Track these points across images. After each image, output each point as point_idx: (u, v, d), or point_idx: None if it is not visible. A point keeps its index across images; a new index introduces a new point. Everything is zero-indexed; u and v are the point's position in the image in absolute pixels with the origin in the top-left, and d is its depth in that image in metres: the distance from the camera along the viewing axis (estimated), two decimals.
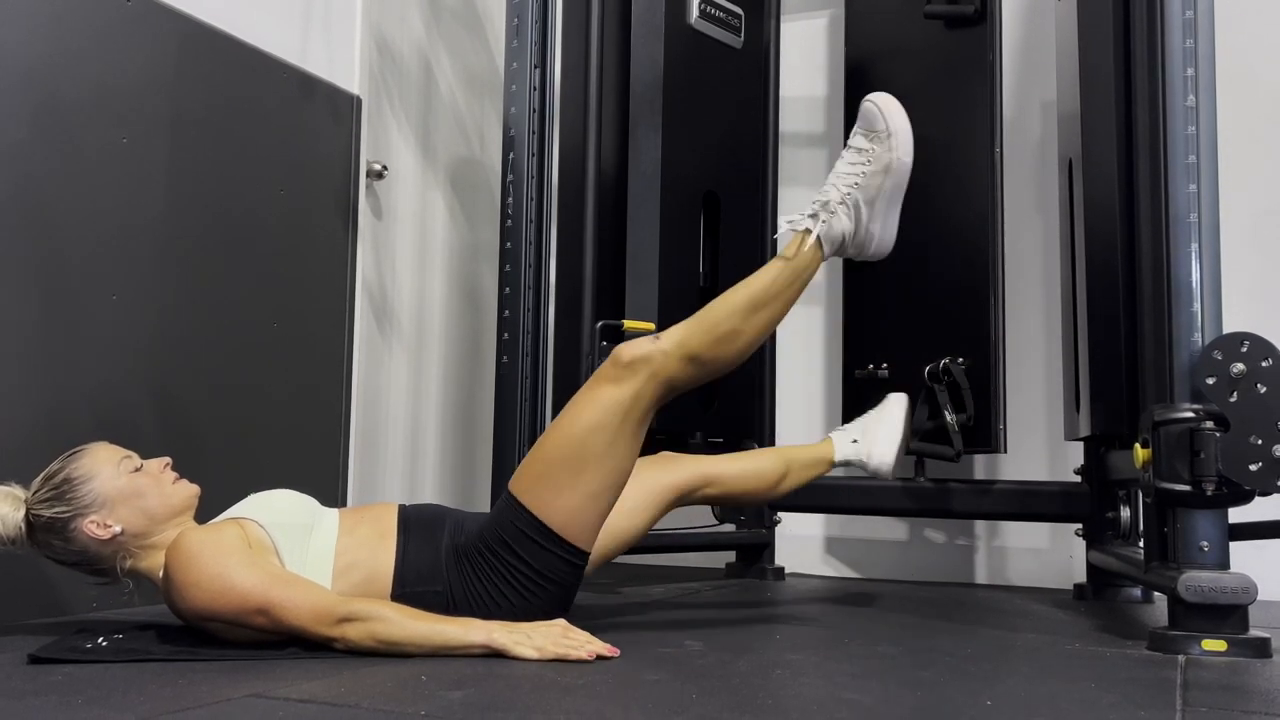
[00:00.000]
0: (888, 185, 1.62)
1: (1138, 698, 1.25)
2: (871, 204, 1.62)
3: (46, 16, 1.84)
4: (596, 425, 1.53)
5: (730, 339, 1.58)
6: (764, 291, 1.60)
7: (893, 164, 1.61)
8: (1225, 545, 1.61)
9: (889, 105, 1.64)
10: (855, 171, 1.63)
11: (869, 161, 1.62)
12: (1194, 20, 1.68)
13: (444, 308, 3.01)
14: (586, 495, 1.54)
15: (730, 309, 1.59)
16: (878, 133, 1.63)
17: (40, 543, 1.51)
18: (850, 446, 2.02)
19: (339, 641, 1.43)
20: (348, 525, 1.59)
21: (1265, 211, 2.56)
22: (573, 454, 1.53)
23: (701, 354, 1.56)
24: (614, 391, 1.53)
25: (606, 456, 1.54)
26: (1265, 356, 1.57)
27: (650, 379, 1.54)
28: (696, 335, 1.57)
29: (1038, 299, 2.77)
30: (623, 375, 1.53)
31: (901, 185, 1.64)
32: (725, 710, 1.14)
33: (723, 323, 1.58)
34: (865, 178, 1.62)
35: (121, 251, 1.96)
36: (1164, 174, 1.67)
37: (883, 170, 1.62)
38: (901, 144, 1.62)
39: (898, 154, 1.62)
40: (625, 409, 1.53)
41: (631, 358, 1.54)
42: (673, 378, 1.55)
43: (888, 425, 2.05)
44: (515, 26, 2.31)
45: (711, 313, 1.60)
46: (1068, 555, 2.68)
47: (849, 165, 1.64)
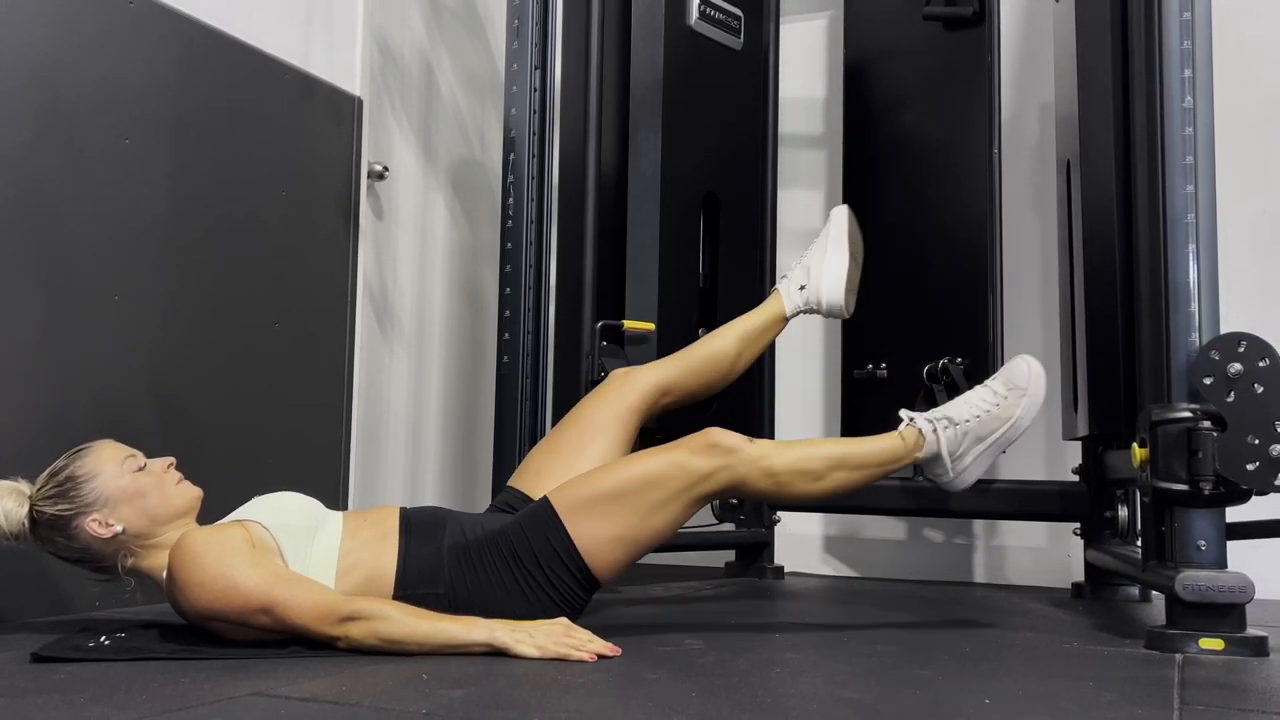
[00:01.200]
0: (1001, 434, 1.68)
1: (1135, 696, 1.25)
2: (980, 440, 1.68)
3: (49, 18, 1.84)
4: (660, 479, 1.57)
5: (810, 478, 1.63)
6: (857, 456, 1.66)
7: (1017, 419, 1.68)
8: (1222, 544, 1.61)
9: (1036, 370, 1.71)
10: (984, 406, 1.69)
11: (998, 405, 1.69)
12: (1191, 22, 1.68)
13: (445, 308, 3.02)
14: (621, 537, 1.57)
15: (821, 453, 1.66)
16: (1017, 388, 1.69)
17: (43, 539, 1.52)
18: (798, 295, 1.98)
19: (341, 640, 1.44)
20: (351, 528, 1.59)
21: (1262, 212, 2.57)
22: (626, 493, 1.57)
23: (780, 476, 1.61)
24: (693, 460, 1.58)
25: (654, 512, 1.57)
26: (1262, 356, 1.57)
27: (727, 469, 1.59)
28: (785, 459, 1.62)
29: (1035, 299, 2.78)
30: (708, 453, 1.59)
31: (1011, 442, 1.70)
32: (725, 709, 1.15)
33: (811, 461, 1.63)
34: (989, 416, 1.68)
35: (124, 252, 1.96)
36: (1161, 175, 1.68)
37: (1006, 420, 1.68)
38: (1031, 406, 1.69)
39: (1024, 414, 1.68)
40: (692, 482, 1.58)
41: (723, 444, 1.59)
42: (746, 482, 1.61)
43: (832, 258, 1.98)
44: (516, 28, 2.31)
45: (805, 446, 1.67)
46: (1066, 554, 2.68)
47: (979, 399, 1.71)
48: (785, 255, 2.92)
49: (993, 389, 1.71)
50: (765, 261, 2.77)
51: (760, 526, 2.74)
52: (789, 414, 2.95)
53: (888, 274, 2.50)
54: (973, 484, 1.71)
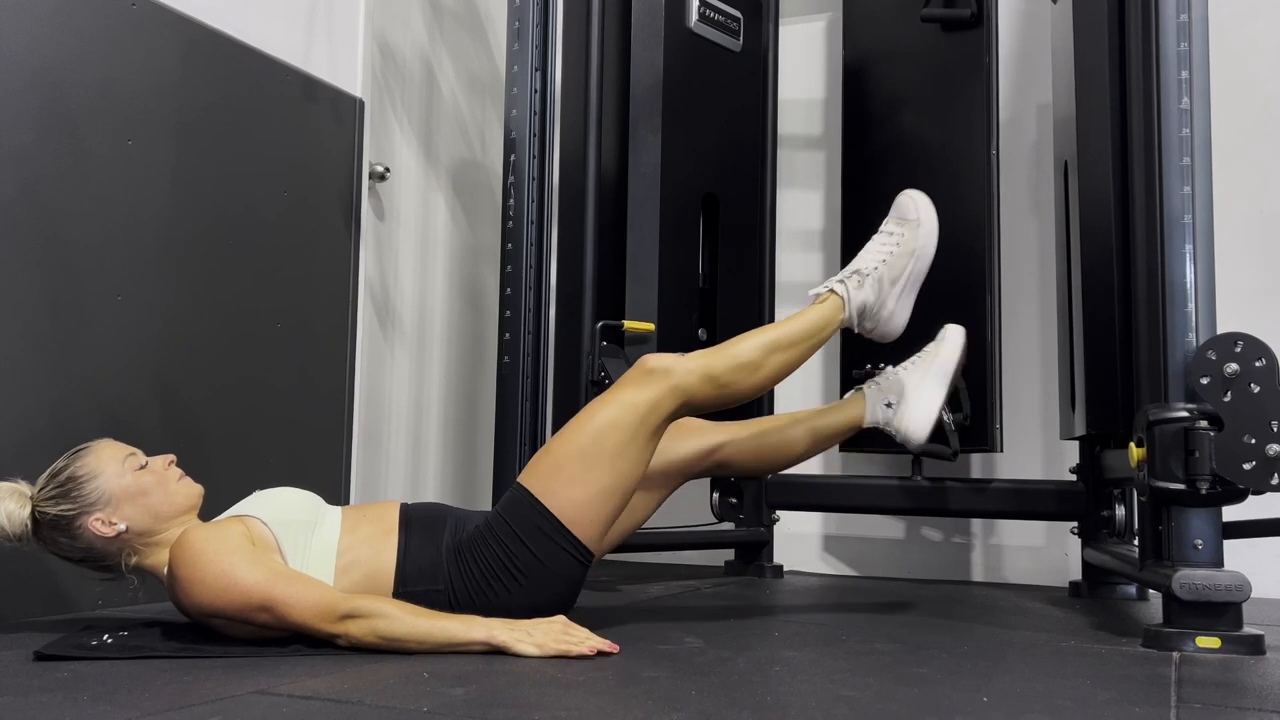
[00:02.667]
0: (911, 268, 1.76)
1: (1133, 694, 1.26)
2: (894, 282, 1.75)
3: (52, 20, 1.85)
4: (613, 423, 1.58)
5: (749, 370, 1.66)
6: (787, 335, 1.71)
7: (919, 249, 1.76)
8: (1219, 543, 1.61)
9: (921, 199, 1.80)
10: (884, 250, 1.77)
11: (898, 244, 1.76)
12: (1188, 24, 1.69)
13: (445, 308, 3.02)
14: (596, 491, 1.57)
15: (754, 344, 1.69)
16: (908, 221, 1.78)
17: (46, 539, 1.52)
18: (882, 412, 1.88)
19: (342, 638, 1.44)
20: (350, 523, 1.60)
21: (1259, 213, 2.58)
22: (587, 448, 1.58)
23: (721, 376, 1.64)
24: (635, 394, 1.60)
25: (619, 456, 1.58)
26: (1259, 356, 1.58)
27: (671, 390, 1.60)
28: (720, 359, 1.66)
29: (1033, 300, 2.79)
30: (645, 380, 1.60)
31: (922, 272, 1.77)
32: (724, 707, 1.15)
33: (745, 353, 1.67)
34: (893, 257, 1.76)
35: (126, 252, 1.97)
36: (1159, 176, 1.68)
37: (909, 254, 1.76)
38: (928, 234, 1.77)
39: (924, 242, 1.76)
40: (643, 413, 1.59)
41: (655, 366, 1.62)
42: (691, 393, 1.62)
43: (929, 388, 1.88)
44: (516, 30, 2.32)
45: (736, 343, 1.70)
46: (1063, 553, 2.69)
47: (879, 245, 1.78)
48: (784, 255, 2.93)
49: (887, 231, 1.79)
50: (765, 262, 2.77)
51: (759, 525, 2.74)
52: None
53: None
54: (904, 326, 1.77)
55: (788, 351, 1.70)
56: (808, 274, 3.01)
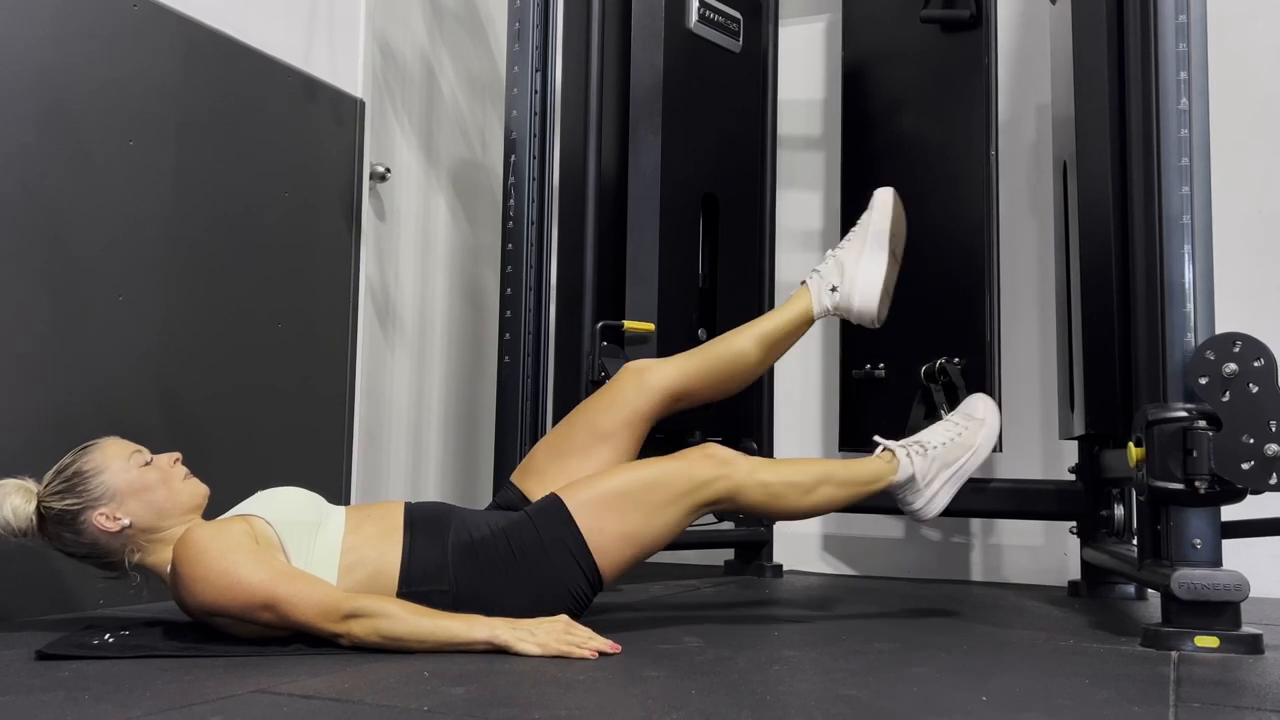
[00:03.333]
0: (964, 461, 1.79)
1: (1131, 693, 1.26)
2: (947, 466, 1.79)
3: (53, 21, 1.85)
4: (664, 482, 1.63)
5: (800, 491, 1.72)
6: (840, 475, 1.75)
7: (978, 447, 1.80)
8: (1218, 543, 1.62)
9: (991, 405, 1.86)
10: (948, 435, 1.80)
11: (960, 435, 1.80)
12: (1187, 24, 1.69)
13: (446, 308, 3.03)
14: (626, 532, 1.62)
15: (810, 470, 1.76)
16: (975, 419, 1.82)
17: (50, 535, 1.52)
18: (829, 296, 1.88)
19: (344, 637, 1.45)
20: (354, 523, 1.60)
21: (1258, 213, 2.58)
22: (633, 492, 1.62)
23: (773, 487, 1.70)
24: (694, 468, 1.65)
25: (657, 512, 1.63)
26: (1257, 356, 1.58)
27: (726, 479, 1.66)
28: (778, 474, 1.71)
29: (1032, 300, 2.79)
30: (708, 464, 1.67)
31: (972, 470, 1.81)
32: (724, 706, 1.15)
33: (800, 476, 1.73)
34: (953, 444, 1.79)
35: (128, 252, 1.97)
36: (1157, 176, 1.69)
37: (967, 447, 1.80)
38: (989, 436, 1.82)
39: (983, 442, 1.81)
40: (694, 486, 1.64)
41: (722, 456, 1.69)
42: (741, 492, 1.68)
43: (870, 258, 1.86)
44: (517, 31, 2.32)
45: (798, 464, 1.77)
46: (1062, 553, 2.69)
47: (944, 429, 1.82)
48: (784, 256, 2.93)
49: (954, 420, 1.83)
50: (764, 262, 2.78)
51: (759, 525, 2.75)
52: (788, 413, 2.96)
53: None
54: (938, 514, 1.80)
55: (837, 489, 1.74)
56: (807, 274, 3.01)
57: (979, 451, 1.80)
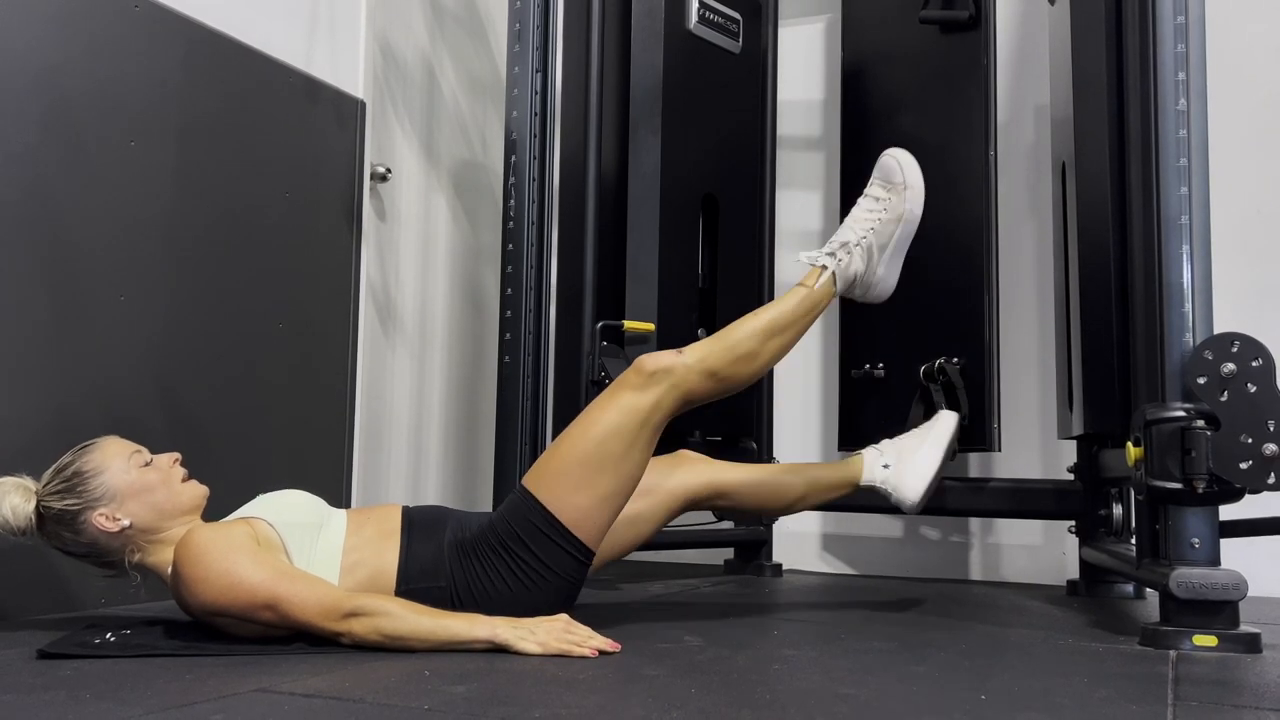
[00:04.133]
0: (899, 233, 1.75)
1: (1130, 692, 1.26)
2: (883, 249, 1.74)
3: (55, 21, 1.86)
4: (616, 429, 1.59)
5: (748, 359, 1.67)
6: (781, 318, 1.70)
7: (905, 214, 1.74)
8: (1216, 542, 1.62)
9: (906, 160, 1.76)
10: (872, 218, 1.75)
11: (885, 210, 1.74)
12: (1185, 25, 1.69)
13: (447, 308, 3.03)
14: (599, 496, 1.59)
15: (750, 331, 1.68)
16: (894, 185, 1.75)
17: (50, 534, 1.52)
18: (880, 472, 1.89)
19: (345, 636, 1.45)
20: (354, 525, 1.61)
21: (1255, 213, 2.59)
22: (591, 454, 1.59)
23: (720, 370, 1.65)
24: (636, 398, 1.60)
25: (622, 460, 1.60)
26: (1255, 356, 1.58)
27: (671, 389, 1.61)
28: (717, 352, 1.65)
29: (1031, 300, 2.80)
30: (645, 383, 1.61)
31: (910, 235, 1.76)
32: (724, 705, 1.16)
33: (742, 343, 1.67)
34: (880, 224, 1.74)
35: (129, 252, 1.98)
36: (1156, 177, 1.69)
37: (896, 219, 1.74)
38: (915, 197, 1.75)
39: (910, 205, 1.74)
40: (644, 415, 1.60)
41: (655, 368, 1.62)
42: (691, 390, 1.63)
43: (926, 454, 1.89)
44: (517, 32, 2.32)
45: (732, 333, 1.69)
46: (1061, 552, 2.70)
47: (865, 211, 1.76)
48: (783, 256, 2.93)
49: (873, 196, 1.77)
50: (764, 262, 2.78)
51: (759, 524, 2.75)
52: (788, 413, 2.97)
53: None
54: (893, 288, 1.77)
55: (783, 334, 1.70)
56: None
57: (910, 217, 1.74)
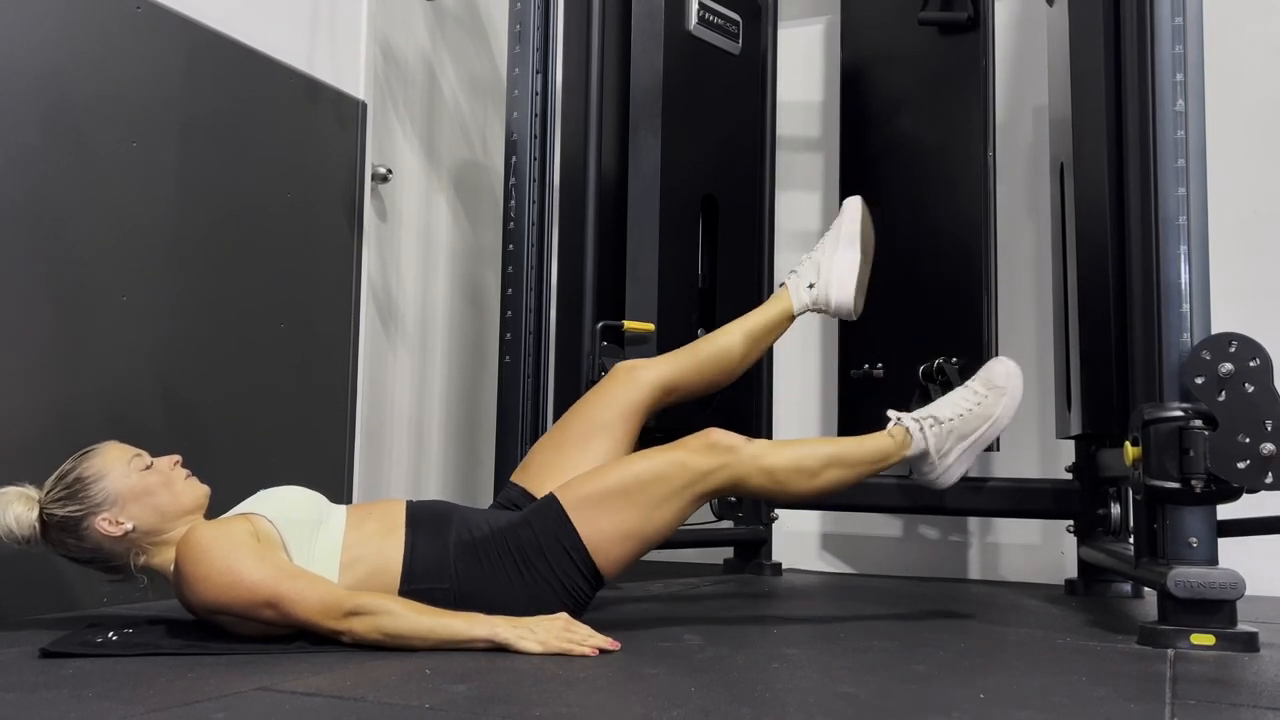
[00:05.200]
0: (982, 432, 1.73)
1: (1128, 691, 1.27)
2: (964, 438, 1.72)
3: (57, 23, 1.86)
4: (663, 476, 1.61)
5: (806, 475, 1.68)
6: (848, 454, 1.71)
7: (997, 418, 1.73)
8: (1214, 541, 1.63)
9: (1014, 370, 1.76)
10: (964, 406, 1.74)
11: (979, 404, 1.73)
12: (1183, 26, 1.70)
13: (447, 308, 3.04)
14: (625, 530, 1.61)
15: (816, 452, 1.70)
16: (996, 388, 1.74)
17: (54, 541, 1.53)
18: (806, 293, 1.94)
19: (346, 635, 1.45)
20: (355, 521, 1.61)
21: (1253, 214, 2.59)
22: (630, 489, 1.61)
23: (777, 474, 1.66)
24: (693, 460, 1.63)
25: (657, 509, 1.61)
26: (1253, 356, 1.59)
27: (727, 468, 1.63)
28: (782, 458, 1.67)
29: (1029, 300, 2.80)
30: (708, 452, 1.63)
31: (989, 440, 1.74)
32: (724, 703, 1.16)
33: (806, 460, 1.68)
34: (971, 415, 1.73)
35: (131, 253, 1.98)
36: (1154, 177, 1.69)
37: (986, 418, 1.72)
38: (1010, 404, 1.73)
39: (1004, 411, 1.73)
40: (694, 479, 1.62)
41: (724, 444, 1.64)
42: (745, 479, 1.65)
43: (843, 255, 1.93)
44: (518, 33, 2.33)
45: (801, 446, 1.72)
46: (1059, 551, 2.70)
47: (960, 399, 1.75)
48: (783, 256, 2.94)
49: (973, 389, 1.76)
50: (763, 262, 2.79)
51: (758, 524, 2.76)
52: (787, 413, 2.97)
53: (884, 275, 2.51)
54: (958, 481, 1.76)
55: (845, 470, 1.70)
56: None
57: (999, 421, 1.73)
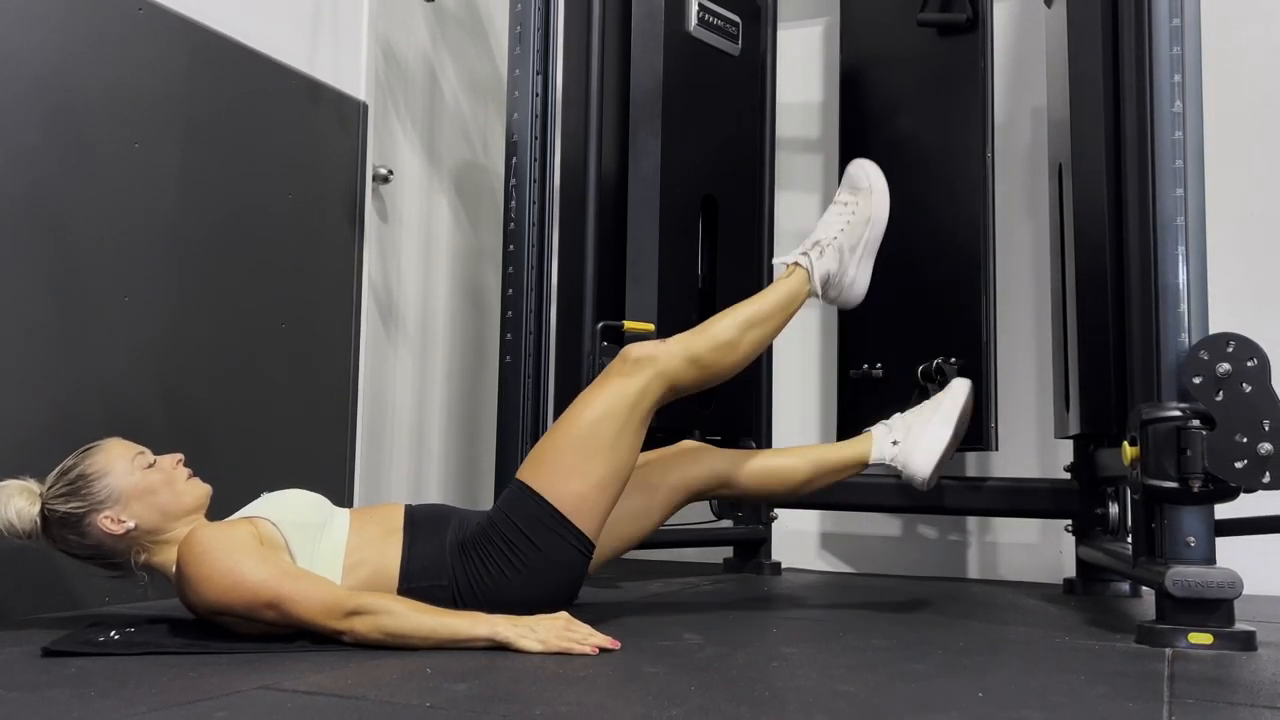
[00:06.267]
0: (868, 235, 1.83)
1: (1126, 690, 1.27)
2: (853, 250, 1.83)
3: (59, 24, 1.87)
4: (605, 414, 1.64)
5: (728, 348, 1.73)
6: (760, 311, 1.78)
7: (873, 216, 1.83)
8: (1211, 541, 1.63)
9: (871, 167, 1.87)
10: (840, 220, 1.83)
11: (853, 213, 1.83)
12: (1181, 28, 1.70)
13: (448, 308, 3.04)
14: (593, 483, 1.62)
15: (730, 323, 1.75)
16: (860, 189, 1.85)
17: (55, 537, 1.53)
18: (889, 449, 1.86)
19: (347, 635, 1.46)
20: (357, 524, 1.62)
21: (1251, 214, 2.60)
22: (582, 441, 1.63)
23: (703, 357, 1.71)
24: (622, 384, 1.66)
25: (613, 446, 1.64)
26: (1250, 356, 1.59)
27: (656, 375, 1.67)
28: (699, 341, 1.73)
29: (1028, 300, 2.81)
30: (631, 370, 1.67)
31: (878, 238, 1.84)
32: (723, 702, 1.16)
33: (723, 333, 1.74)
34: (849, 225, 1.83)
35: (133, 253, 1.99)
36: (1151, 178, 1.70)
37: (864, 221, 1.83)
38: (880, 200, 1.84)
39: (877, 208, 1.83)
40: (632, 402, 1.65)
41: (640, 355, 1.68)
42: (676, 376, 1.69)
43: (936, 427, 1.85)
44: (518, 34, 2.33)
45: (713, 325, 1.76)
46: (1057, 551, 2.71)
47: (835, 215, 1.85)
48: None
49: (841, 201, 1.86)
50: (763, 263, 2.79)
51: (758, 523, 2.76)
52: (786, 413, 2.98)
53: (883, 276, 2.52)
54: (865, 292, 1.84)
55: (763, 326, 1.77)
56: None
57: (877, 219, 1.83)
